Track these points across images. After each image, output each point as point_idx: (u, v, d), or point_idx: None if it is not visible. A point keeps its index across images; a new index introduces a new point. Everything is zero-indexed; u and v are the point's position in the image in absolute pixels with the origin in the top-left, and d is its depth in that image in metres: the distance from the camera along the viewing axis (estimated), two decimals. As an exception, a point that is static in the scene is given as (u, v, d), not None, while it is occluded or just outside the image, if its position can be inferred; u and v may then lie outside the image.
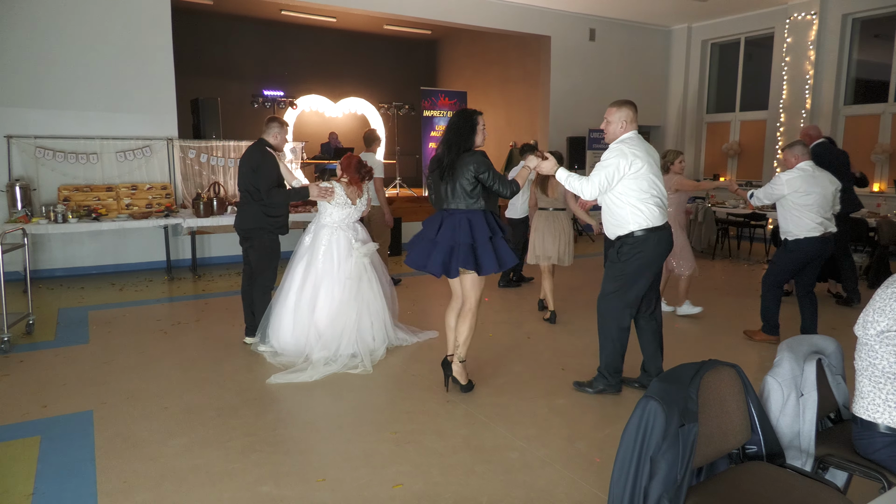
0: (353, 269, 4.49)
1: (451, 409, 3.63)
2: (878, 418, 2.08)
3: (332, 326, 4.38)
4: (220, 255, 8.16)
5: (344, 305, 4.41)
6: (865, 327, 2.12)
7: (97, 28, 7.24)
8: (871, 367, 2.10)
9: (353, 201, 4.59)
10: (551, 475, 2.88)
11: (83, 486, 2.77)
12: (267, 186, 4.46)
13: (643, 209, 3.55)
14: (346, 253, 4.52)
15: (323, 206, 4.58)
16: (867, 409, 2.12)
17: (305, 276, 4.49)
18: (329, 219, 4.57)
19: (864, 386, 2.14)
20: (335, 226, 4.57)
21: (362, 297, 4.49)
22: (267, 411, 3.58)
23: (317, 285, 4.46)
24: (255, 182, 4.49)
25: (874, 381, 2.10)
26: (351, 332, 4.39)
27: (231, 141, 8.37)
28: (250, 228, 4.60)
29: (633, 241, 3.59)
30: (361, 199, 4.66)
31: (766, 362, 4.33)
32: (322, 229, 4.57)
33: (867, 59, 9.65)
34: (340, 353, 4.32)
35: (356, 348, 4.37)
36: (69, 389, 3.89)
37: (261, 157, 4.53)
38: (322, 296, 4.44)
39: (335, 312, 4.40)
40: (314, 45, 13.37)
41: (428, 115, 10.70)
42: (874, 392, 2.10)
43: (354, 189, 4.61)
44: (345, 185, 4.57)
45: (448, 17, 9.78)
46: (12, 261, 6.03)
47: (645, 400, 1.80)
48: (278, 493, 2.71)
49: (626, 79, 11.69)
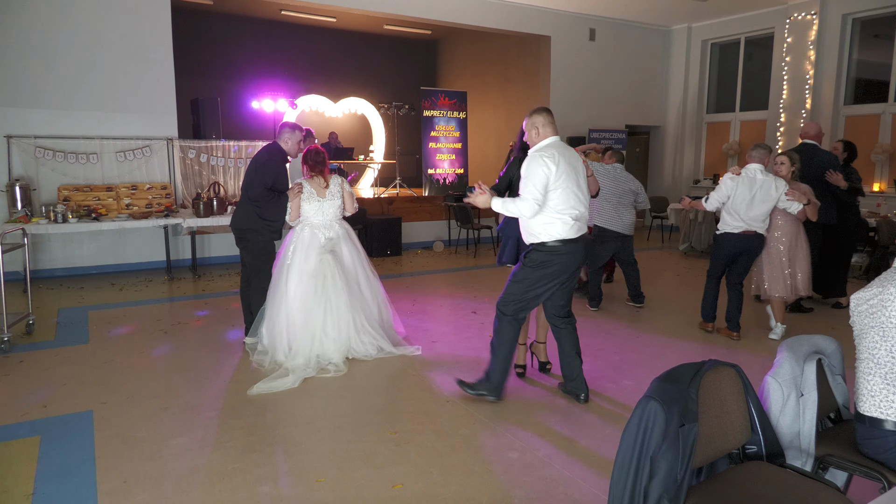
0: (315, 265, 4.37)
1: (451, 409, 3.63)
2: (880, 414, 2.07)
3: (304, 328, 4.30)
4: (220, 255, 8.16)
5: (308, 304, 4.31)
6: (857, 303, 2.15)
7: (97, 28, 7.24)
8: (870, 360, 2.09)
9: (319, 194, 4.50)
10: (551, 475, 2.88)
11: (83, 486, 2.77)
12: (260, 186, 4.43)
13: (555, 220, 3.44)
14: (311, 250, 4.42)
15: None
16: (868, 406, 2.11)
17: (279, 275, 4.44)
18: (304, 216, 4.53)
19: (863, 382, 2.14)
20: (316, 225, 4.51)
21: (324, 294, 4.34)
22: (267, 411, 3.58)
23: (286, 284, 4.38)
24: (256, 179, 4.48)
25: (868, 375, 2.10)
26: (316, 332, 4.31)
27: (231, 141, 8.37)
28: (244, 229, 4.59)
29: (544, 250, 3.49)
30: (330, 189, 4.55)
31: (766, 362, 4.33)
32: (304, 229, 4.53)
33: (867, 59, 9.64)
34: (312, 355, 4.25)
35: (321, 349, 4.28)
36: (69, 389, 3.89)
37: (266, 157, 4.52)
38: (291, 295, 4.36)
39: (305, 313, 4.31)
40: (314, 45, 13.37)
41: (428, 115, 10.69)
42: (875, 385, 2.09)
43: (318, 179, 4.53)
44: (308, 179, 4.53)
45: (448, 17, 9.78)
46: (12, 261, 6.03)
47: (645, 400, 1.79)
48: (278, 493, 2.71)
49: (626, 79, 11.69)
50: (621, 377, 4.17)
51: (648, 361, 4.50)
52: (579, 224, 3.52)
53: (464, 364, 4.38)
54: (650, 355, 4.64)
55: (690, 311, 5.85)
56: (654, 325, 5.49)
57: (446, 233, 9.97)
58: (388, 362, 4.40)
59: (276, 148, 4.62)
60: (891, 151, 9.09)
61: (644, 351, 4.75)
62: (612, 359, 4.56)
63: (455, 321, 5.51)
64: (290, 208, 4.50)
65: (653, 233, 11.17)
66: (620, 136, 11.41)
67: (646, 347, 4.84)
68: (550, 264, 3.49)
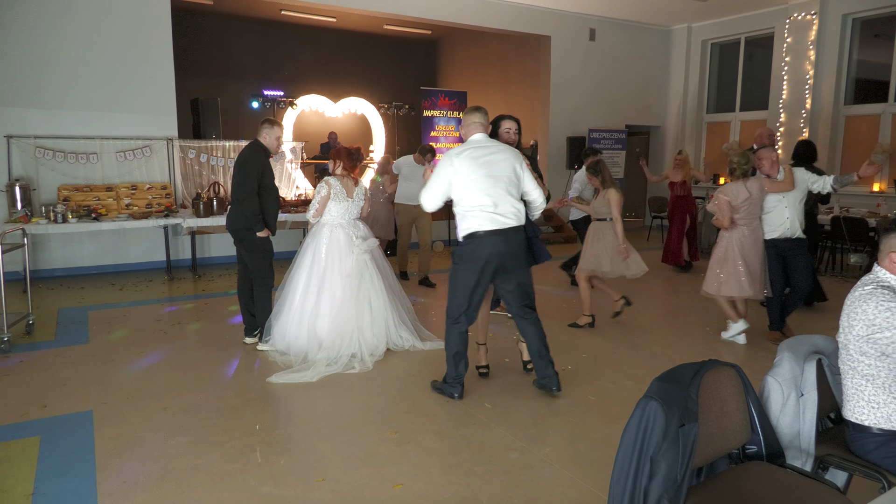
0: (354, 266, 4.46)
1: (451, 409, 3.63)
2: (865, 420, 2.10)
3: (335, 326, 4.37)
4: (220, 255, 8.16)
5: (345, 304, 4.40)
6: (845, 333, 2.15)
7: (97, 28, 7.24)
8: (852, 371, 2.13)
9: (349, 194, 4.54)
10: (551, 475, 2.88)
11: (83, 486, 2.76)
12: (246, 187, 4.40)
13: (467, 215, 3.58)
14: (347, 250, 4.49)
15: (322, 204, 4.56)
16: (853, 411, 2.14)
17: (309, 275, 4.47)
18: (328, 216, 4.54)
19: (847, 389, 2.16)
20: (335, 223, 4.54)
21: (363, 294, 4.46)
22: (267, 411, 3.58)
23: (320, 284, 4.44)
24: (238, 181, 4.46)
25: (856, 385, 2.12)
26: (352, 331, 4.38)
27: (231, 141, 8.37)
28: (237, 229, 4.58)
29: (464, 244, 3.64)
30: (357, 190, 4.60)
31: (767, 362, 4.33)
32: (322, 228, 4.55)
33: (867, 59, 9.64)
34: (342, 353, 4.32)
35: (357, 348, 4.36)
36: (69, 389, 3.89)
37: (247, 155, 4.49)
38: (325, 295, 4.43)
39: (337, 312, 4.39)
40: (314, 45, 13.36)
41: (428, 115, 10.70)
42: (857, 394, 2.12)
43: (349, 181, 4.56)
44: (339, 177, 4.54)
45: (448, 17, 9.78)
46: (12, 261, 6.02)
47: (645, 400, 1.80)
48: (278, 493, 2.71)
49: (626, 79, 11.69)
50: (621, 377, 4.17)
51: (648, 361, 4.50)
52: (496, 217, 3.54)
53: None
54: (650, 355, 4.64)
55: (691, 311, 5.85)
56: (654, 325, 5.49)
57: (446, 233, 9.96)
58: (387, 362, 4.41)
59: (256, 145, 4.57)
60: (891, 151, 9.09)
61: (644, 351, 4.75)
62: (612, 359, 4.56)
63: (455, 321, 5.50)
64: (316, 205, 4.50)
65: (653, 233, 11.17)
66: (620, 136, 11.41)
67: (646, 347, 4.84)
68: (471, 257, 3.59)
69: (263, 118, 4.81)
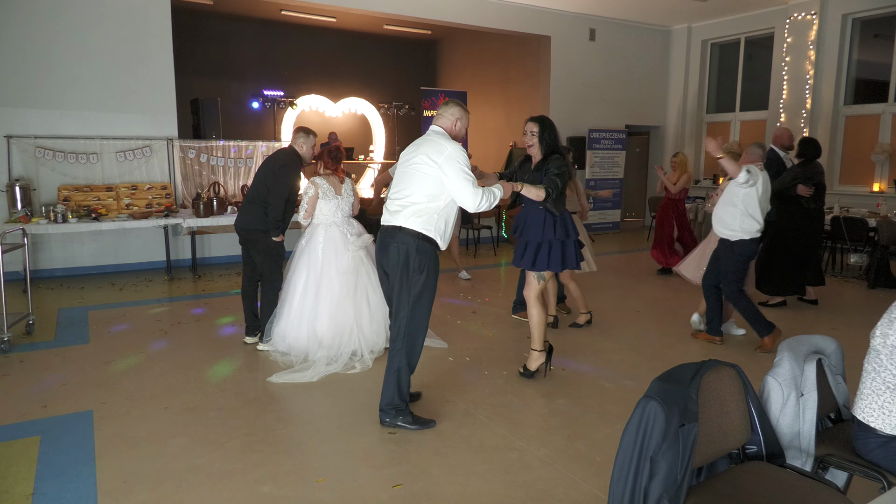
0: (350, 263, 4.46)
1: (451, 409, 3.63)
2: (872, 422, 2.10)
3: (334, 324, 4.38)
4: (220, 255, 8.16)
5: (343, 301, 4.40)
6: (884, 337, 2.10)
7: (97, 28, 7.24)
8: (875, 374, 2.11)
9: (337, 191, 4.54)
10: (551, 475, 2.88)
11: (83, 486, 2.76)
12: (277, 196, 4.44)
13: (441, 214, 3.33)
14: (342, 248, 4.49)
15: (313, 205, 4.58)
16: (864, 411, 2.13)
17: (308, 276, 4.48)
18: (320, 216, 4.55)
19: (865, 388, 2.15)
20: (328, 222, 4.55)
21: (361, 290, 4.46)
22: (267, 411, 3.58)
23: (318, 284, 4.45)
24: (272, 185, 4.48)
25: (874, 388, 2.12)
26: (351, 328, 4.38)
27: (231, 141, 8.37)
28: (252, 230, 4.58)
29: (428, 251, 3.30)
30: (345, 187, 4.61)
31: (767, 362, 4.33)
32: (316, 228, 4.56)
33: (867, 59, 9.65)
34: (342, 351, 4.32)
35: (357, 345, 4.37)
36: (69, 389, 3.89)
37: (285, 161, 4.51)
38: (323, 295, 4.44)
39: (335, 309, 4.40)
40: (314, 45, 13.36)
41: (428, 115, 10.70)
42: (872, 396, 2.12)
43: (335, 178, 4.58)
44: (325, 176, 4.56)
45: (448, 17, 9.78)
46: (12, 261, 6.02)
47: (645, 400, 1.80)
48: (278, 493, 2.71)
49: (625, 79, 11.69)
50: (621, 377, 4.17)
51: (648, 361, 4.50)
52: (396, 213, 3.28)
53: (464, 364, 4.39)
54: (650, 355, 4.65)
55: (691, 311, 5.85)
56: (654, 325, 5.49)
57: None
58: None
59: (294, 153, 4.58)
60: (891, 151, 9.09)
61: (644, 351, 4.76)
62: (612, 359, 4.56)
63: (454, 321, 5.51)
64: (306, 206, 4.52)
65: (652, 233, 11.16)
66: (620, 136, 11.41)
67: (646, 347, 4.84)
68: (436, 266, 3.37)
69: (297, 126, 4.78)
